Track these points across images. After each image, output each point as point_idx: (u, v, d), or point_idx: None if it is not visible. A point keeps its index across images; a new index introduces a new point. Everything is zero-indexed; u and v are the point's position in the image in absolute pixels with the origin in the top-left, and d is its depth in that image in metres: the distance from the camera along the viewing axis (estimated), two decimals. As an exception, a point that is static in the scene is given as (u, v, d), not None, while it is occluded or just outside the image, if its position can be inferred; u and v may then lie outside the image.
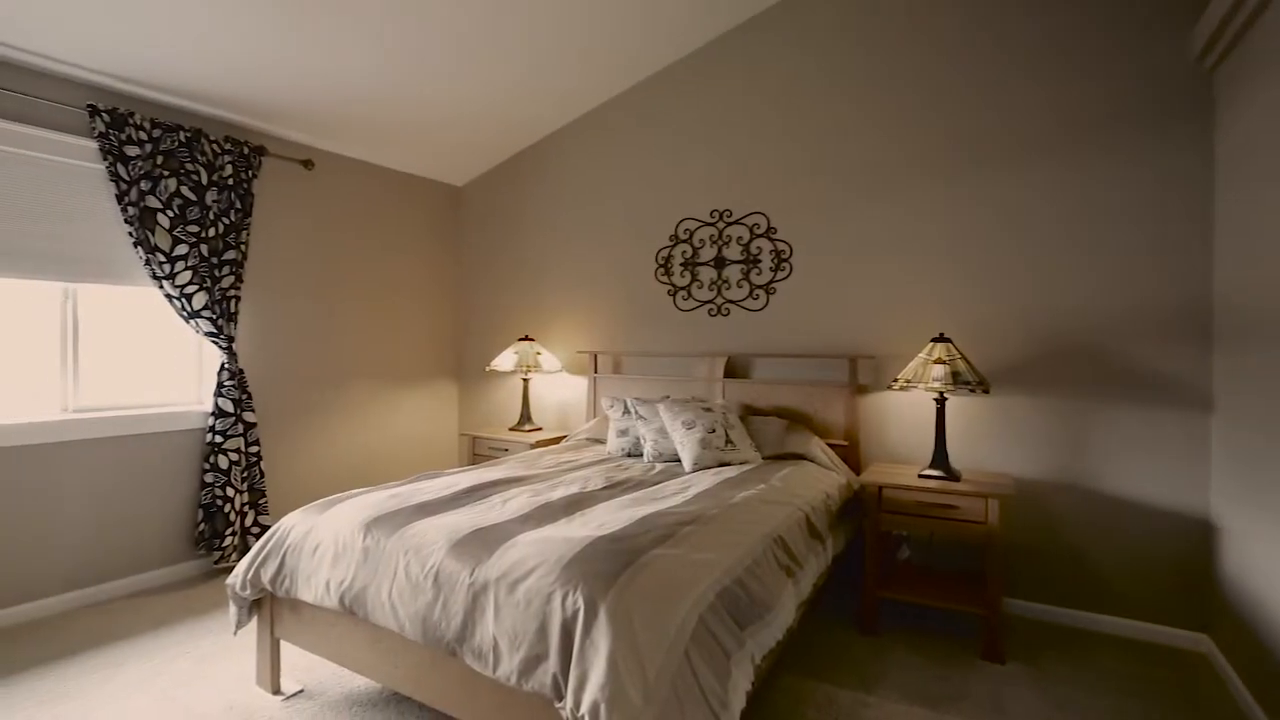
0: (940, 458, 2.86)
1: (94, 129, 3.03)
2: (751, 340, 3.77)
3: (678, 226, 3.99)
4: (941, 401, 2.89)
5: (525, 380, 4.34)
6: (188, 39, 2.91)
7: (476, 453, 4.19)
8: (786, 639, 2.12)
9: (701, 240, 3.91)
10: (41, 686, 2.36)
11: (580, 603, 1.64)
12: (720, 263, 3.85)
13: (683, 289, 3.98)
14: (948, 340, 2.87)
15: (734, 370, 3.80)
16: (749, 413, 3.57)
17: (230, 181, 3.48)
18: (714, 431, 3.15)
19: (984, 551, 2.68)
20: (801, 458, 3.25)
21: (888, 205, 3.35)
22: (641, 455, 3.38)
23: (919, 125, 3.26)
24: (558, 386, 4.50)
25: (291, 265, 3.91)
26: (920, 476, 2.85)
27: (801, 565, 2.32)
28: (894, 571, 3.08)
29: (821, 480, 2.95)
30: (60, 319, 3.09)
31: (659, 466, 3.13)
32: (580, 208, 4.39)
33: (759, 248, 3.73)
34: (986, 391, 2.77)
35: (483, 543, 1.92)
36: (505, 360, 4.17)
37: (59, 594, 3.02)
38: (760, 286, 3.73)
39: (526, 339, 4.27)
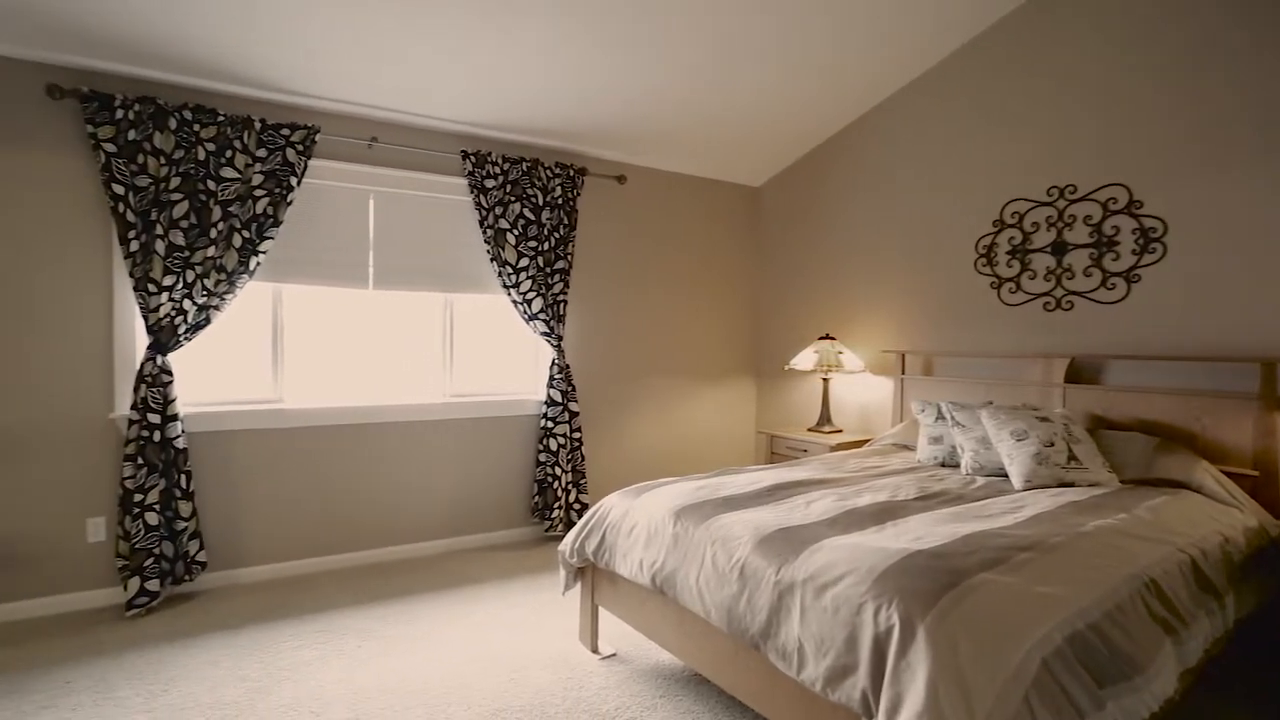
0: None
1: (465, 169, 3.71)
2: (1104, 338, 3.12)
3: (1003, 210, 3.49)
4: None
5: (825, 380, 4.20)
6: (529, 87, 3.43)
7: (774, 451, 4.19)
8: (1164, 713, 1.68)
9: (1034, 223, 3.37)
10: (424, 611, 2.95)
11: (895, 619, 1.51)
12: (1060, 248, 3.27)
13: (1009, 280, 3.47)
14: None
15: (1078, 374, 3.19)
16: (1099, 425, 2.96)
17: (559, 200, 3.98)
18: (1052, 445, 2.67)
19: None
20: (1180, 485, 2.58)
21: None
22: (958, 466, 3.02)
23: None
24: (860, 387, 4.28)
25: (606, 271, 4.34)
26: (1388, 526, 2.05)
27: (1186, 623, 1.84)
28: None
29: (1216, 517, 2.30)
30: (441, 322, 3.85)
31: (980, 480, 2.76)
32: (884, 198, 4.11)
33: (1115, 227, 3.08)
34: None
35: (788, 542, 1.88)
36: (805, 359, 4.09)
37: (434, 539, 3.78)
38: (1118, 274, 3.07)
39: (827, 337, 4.13)
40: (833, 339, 4.12)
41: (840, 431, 4.13)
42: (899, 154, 4.01)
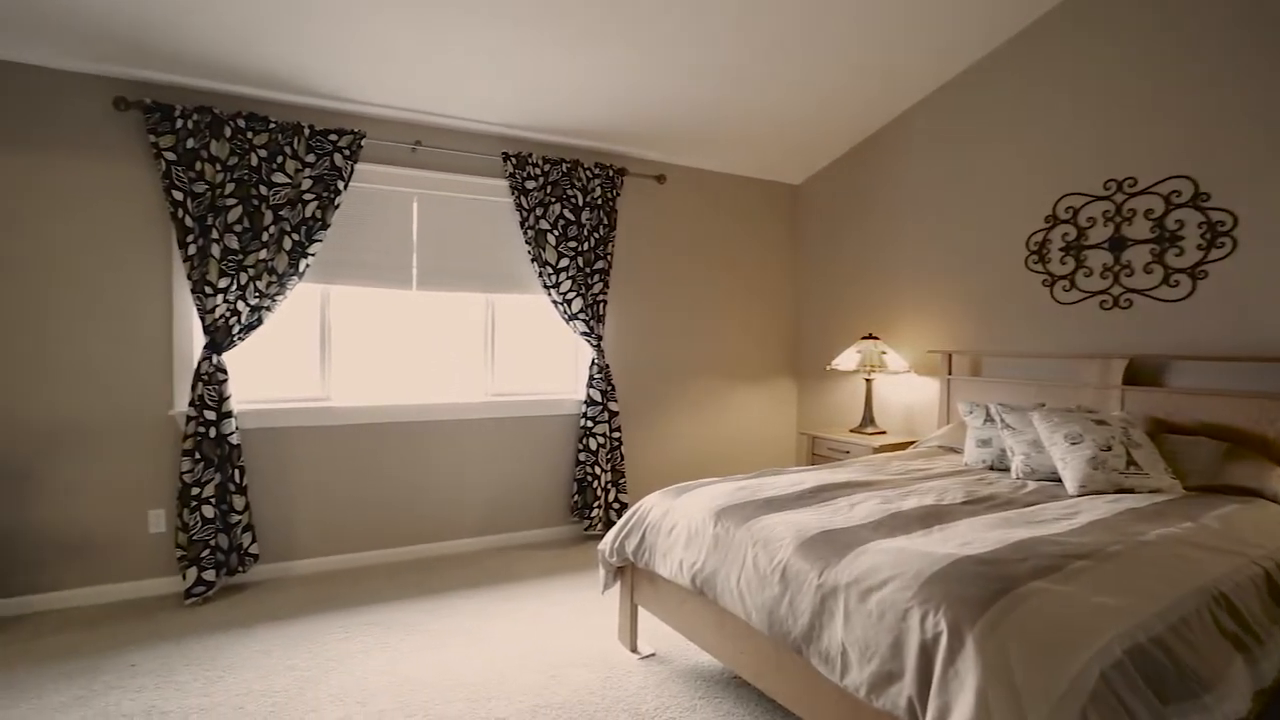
0: None
1: (506, 171, 3.75)
2: (1166, 338, 2.98)
3: (1056, 205, 3.36)
4: None
5: (868, 380, 4.12)
6: (568, 88, 3.45)
7: (815, 453, 4.12)
8: (1234, 733, 1.59)
9: (1090, 218, 3.23)
10: (466, 607, 2.99)
11: (943, 625, 1.47)
12: (1118, 244, 3.13)
13: (1063, 278, 3.34)
14: None
15: (1137, 376, 3.05)
16: (1160, 429, 2.84)
17: (599, 201, 3.99)
18: (1109, 449, 2.56)
19: None
20: (1252, 494, 2.44)
21: None
22: (1007, 470, 2.92)
23: None
24: (904, 388, 4.18)
25: (646, 271, 4.33)
26: None
27: (1260, 639, 1.73)
28: None
29: (1291, 527, 2.18)
30: (484, 322, 3.90)
31: (1031, 485, 2.66)
32: (930, 195, 4.00)
33: (1180, 221, 2.93)
34: None
35: (831, 545, 1.85)
36: (847, 359, 4.02)
37: (476, 536, 3.83)
38: (1182, 270, 2.93)
39: (870, 337, 4.05)
40: (876, 339, 4.04)
41: (884, 433, 4.05)
42: (944, 149, 3.90)
